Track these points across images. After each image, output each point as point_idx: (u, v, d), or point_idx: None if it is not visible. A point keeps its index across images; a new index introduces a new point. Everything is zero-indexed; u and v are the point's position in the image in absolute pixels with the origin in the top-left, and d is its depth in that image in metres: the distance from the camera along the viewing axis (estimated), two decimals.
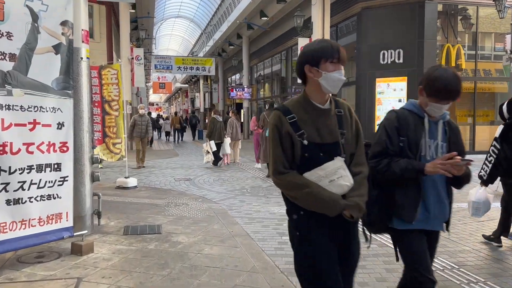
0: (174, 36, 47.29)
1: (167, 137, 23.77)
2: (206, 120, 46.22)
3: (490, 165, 3.93)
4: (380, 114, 14.45)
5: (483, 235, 4.53)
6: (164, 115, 40.54)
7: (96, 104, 7.69)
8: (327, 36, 15.19)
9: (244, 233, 4.79)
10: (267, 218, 5.52)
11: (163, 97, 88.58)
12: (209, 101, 40.61)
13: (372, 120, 14.58)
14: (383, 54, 14.30)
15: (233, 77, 35.43)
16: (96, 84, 7.69)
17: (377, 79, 14.56)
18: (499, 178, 4.17)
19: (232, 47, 28.89)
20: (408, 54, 13.78)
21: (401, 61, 13.95)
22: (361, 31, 15.03)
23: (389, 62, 14.21)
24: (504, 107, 4.04)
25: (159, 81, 52.64)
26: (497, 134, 3.94)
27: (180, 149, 17.56)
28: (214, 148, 11.34)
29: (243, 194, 7.27)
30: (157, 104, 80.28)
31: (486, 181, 4.04)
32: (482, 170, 4.08)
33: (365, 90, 14.85)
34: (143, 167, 10.77)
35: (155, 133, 23.68)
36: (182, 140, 23.06)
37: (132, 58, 17.22)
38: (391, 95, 14.25)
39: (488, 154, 4.00)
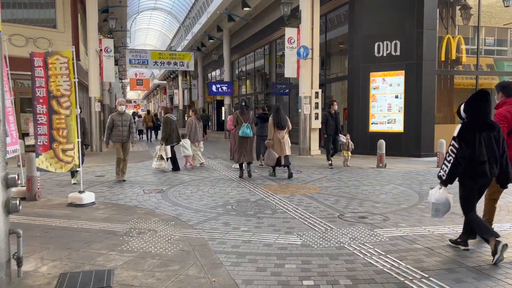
0: (151, 30, 45.29)
1: (140, 135, 23.24)
2: (186, 118, 44.70)
3: (449, 165, 3.90)
4: (375, 111, 13.23)
5: (450, 240, 4.35)
6: (142, 113, 38.66)
7: (41, 101, 6.12)
8: (317, 26, 13.87)
9: (232, 283, 3.36)
10: (261, 253, 4.10)
11: (141, 94, 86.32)
12: (188, 98, 38.96)
13: (366, 119, 13.33)
14: (378, 46, 13.06)
15: (213, 73, 33.86)
16: (41, 76, 6.13)
17: (371, 74, 13.32)
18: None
19: (212, 40, 27.32)
20: (405, 45, 12.56)
21: (398, 53, 12.73)
22: (354, 20, 13.75)
23: (384, 54, 12.98)
24: (462, 107, 4.05)
25: (137, 77, 50.84)
26: (455, 134, 3.93)
27: (154, 149, 15.91)
28: (169, 154, 9.94)
29: (228, 212, 5.83)
30: (135, 102, 77.99)
31: (445, 181, 3.96)
32: (441, 170, 3.99)
33: (358, 86, 13.58)
34: (124, 180, 8.45)
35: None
36: (156, 138, 22.46)
37: (101, 50, 15.52)
38: (387, 90, 13.02)
39: (447, 154, 3.94)
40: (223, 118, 28.41)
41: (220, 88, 26.19)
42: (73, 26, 15.77)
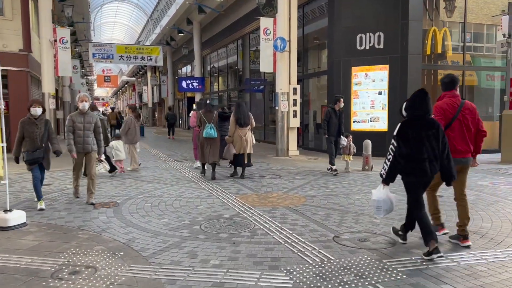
0: (117, 24, 43.26)
1: None
2: (156, 115, 42.90)
3: (389, 163, 3.95)
4: (357, 109, 12.29)
5: (392, 228, 4.52)
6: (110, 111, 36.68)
7: None
8: (294, 16, 12.80)
9: None
10: None
11: (110, 92, 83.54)
12: (158, 95, 37.31)
13: (347, 116, 12.32)
14: (360, 38, 12.11)
15: (184, 68, 32.41)
16: None
17: (353, 68, 12.35)
18: None
19: (182, 34, 25.89)
20: (390, 38, 11.66)
21: (381, 46, 11.82)
22: (334, 11, 12.75)
23: (367, 47, 12.04)
24: (404, 106, 4.06)
25: (104, 73, 48.54)
26: (395, 133, 3.97)
27: None
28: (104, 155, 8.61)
29: (195, 235, 4.63)
30: (103, 99, 75.12)
31: (386, 180, 4.03)
32: (382, 169, 4.04)
33: (339, 81, 12.60)
34: (92, 204, 6.14)
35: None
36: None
37: (55, 41, 13.94)
38: (370, 86, 12.10)
39: (388, 153, 3.98)
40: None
41: (190, 84, 24.86)
42: (23, 13, 14.09)
